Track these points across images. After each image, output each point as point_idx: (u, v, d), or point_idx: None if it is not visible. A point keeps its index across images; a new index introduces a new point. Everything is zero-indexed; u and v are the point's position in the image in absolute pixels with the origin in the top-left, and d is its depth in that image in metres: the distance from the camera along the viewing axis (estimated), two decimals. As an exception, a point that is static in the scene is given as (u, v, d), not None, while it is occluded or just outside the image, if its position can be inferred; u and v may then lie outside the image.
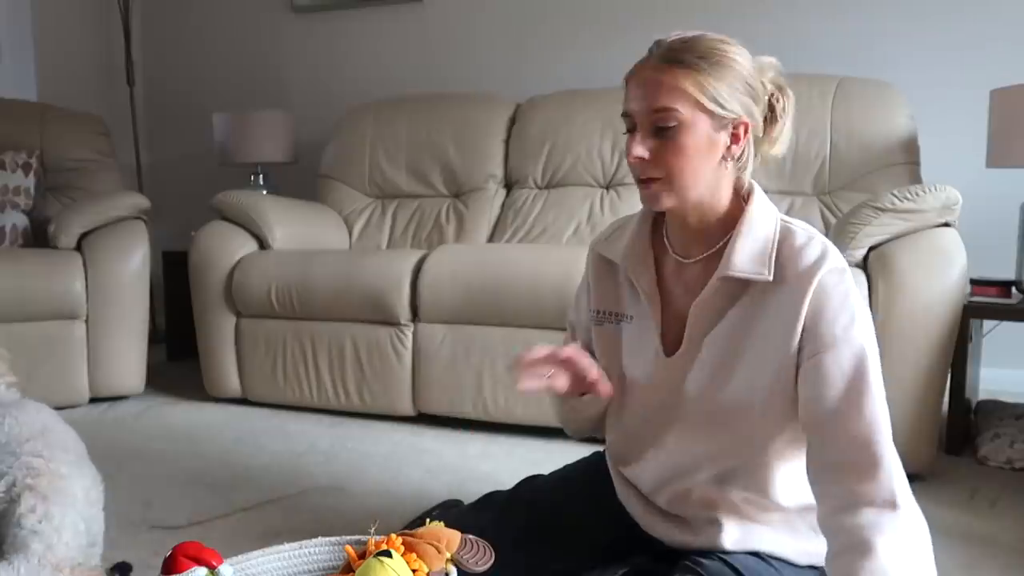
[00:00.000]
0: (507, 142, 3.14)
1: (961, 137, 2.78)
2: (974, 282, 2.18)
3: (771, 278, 1.08)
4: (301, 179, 3.63)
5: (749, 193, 1.14)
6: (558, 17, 3.38)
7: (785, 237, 1.10)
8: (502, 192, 3.12)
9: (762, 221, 1.11)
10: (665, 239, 1.20)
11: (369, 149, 3.28)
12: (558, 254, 2.42)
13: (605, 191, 2.95)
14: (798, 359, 1.07)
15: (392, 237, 3.18)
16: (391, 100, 3.39)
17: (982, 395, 2.58)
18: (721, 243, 1.13)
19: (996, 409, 2.39)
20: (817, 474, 1.07)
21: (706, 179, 1.09)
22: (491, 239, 3.01)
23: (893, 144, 2.58)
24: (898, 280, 1.94)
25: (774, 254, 1.09)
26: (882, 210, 2.00)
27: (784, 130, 1.14)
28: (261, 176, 3.58)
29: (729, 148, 1.09)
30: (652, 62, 1.07)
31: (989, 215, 2.66)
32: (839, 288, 1.06)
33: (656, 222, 1.23)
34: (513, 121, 3.16)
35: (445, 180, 3.18)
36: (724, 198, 1.13)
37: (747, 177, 1.15)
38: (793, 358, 1.07)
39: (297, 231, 2.93)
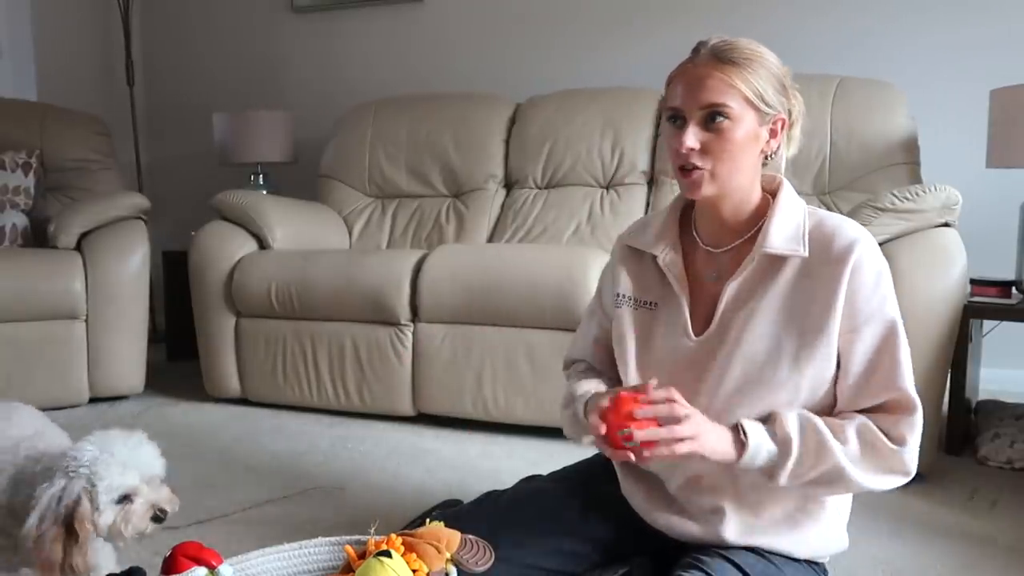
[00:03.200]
0: (507, 142, 3.14)
1: (961, 137, 2.78)
2: (974, 282, 2.18)
3: (807, 254, 1.14)
4: (301, 179, 3.63)
5: (778, 186, 1.22)
6: (558, 17, 3.38)
7: (817, 221, 1.18)
8: (502, 192, 3.12)
9: (792, 207, 1.19)
10: (694, 230, 1.26)
11: (369, 149, 3.28)
12: (558, 254, 2.42)
13: (605, 191, 2.95)
14: (837, 333, 1.13)
15: (392, 237, 3.18)
16: (391, 100, 3.39)
17: (982, 395, 2.58)
18: (750, 233, 1.19)
19: (996, 409, 2.39)
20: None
21: (746, 171, 1.17)
22: (491, 239, 3.01)
23: (893, 144, 2.58)
24: (898, 280, 1.92)
25: (807, 234, 1.16)
26: (882, 210, 2.00)
27: (797, 131, 1.22)
28: (261, 176, 3.58)
29: (768, 143, 1.17)
30: (702, 60, 1.13)
31: (989, 215, 2.66)
32: (873, 268, 1.14)
33: (683, 215, 1.29)
34: (513, 121, 3.16)
35: (445, 180, 3.18)
36: (756, 191, 1.21)
37: (780, 170, 1.23)
38: (831, 335, 1.13)
39: (297, 231, 2.93)
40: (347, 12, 3.73)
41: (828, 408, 1.16)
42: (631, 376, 1.27)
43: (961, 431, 2.21)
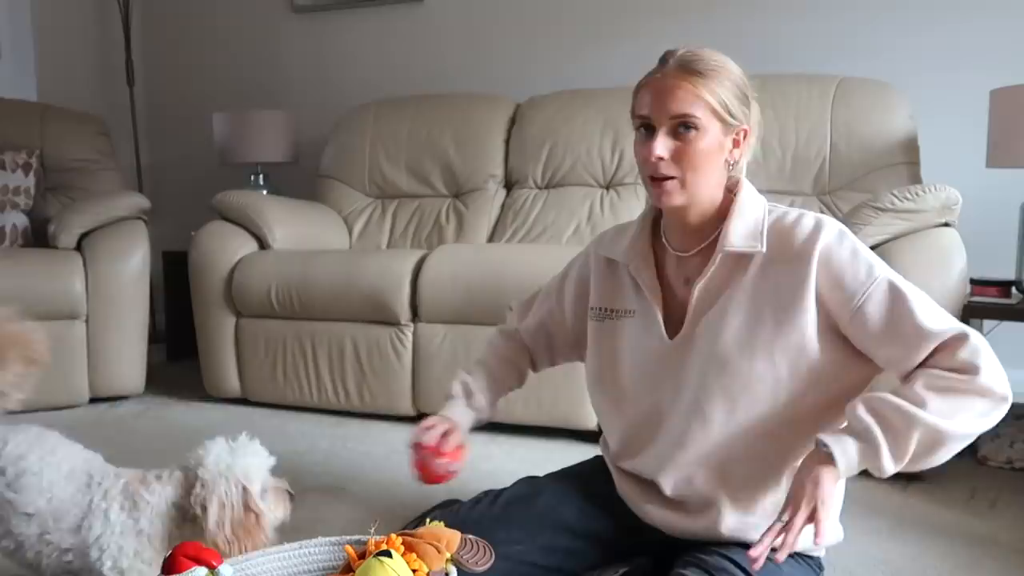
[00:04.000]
0: (507, 142, 3.14)
1: (961, 137, 2.78)
2: (974, 282, 2.18)
3: (764, 250, 1.17)
4: (301, 179, 3.63)
5: (737, 185, 1.24)
6: (558, 17, 3.38)
7: (776, 216, 1.21)
8: (502, 192, 3.12)
9: (751, 205, 1.21)
10: (663, 238, 1.28)
11: (369, 149, 3.28)
12: (558, 254, 2.42)
13: (605, 191, 2.95)
14: (825, 323, 1.14)
15: (392, 237, 3.18)
16: (391, 100, 3.39)
17: (982, 395, 2.57)
18: (715, 234, 1.21)
19: (996, 409, 2.39)
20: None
21: (712, 180, 1.19)
22: (491, 239, 3.01)
23: (893, 144, 2.58)
24: (898, 280, 1.94)
25: (765, 230, 1.18)
26: (882, 210, 2.00)
27: (753, 140, 1.23)
28: (261, 176, 3.58)
29: (731, 152, 1.19)
30: (671, 71, 1.15)
31: (989, 215, 2.66)
32: (844, 249, 1.14)
33: (654, 224, 1.32)
34: (513, 121, 3.16)
35: (445, 180, 3.18)
36: (719, 196, 1.23)
37: (740, 174, 1.25)
38: (802, 328, 1.14)
39: (297, 231, 2.93)
40: (347, 12, 3.73)
41: (810, 403, 1.17)
42: (594, 393, 1.34)
43: (961, 431, 2.21)
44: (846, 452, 1.08)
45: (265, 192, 3.44)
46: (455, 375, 1.48)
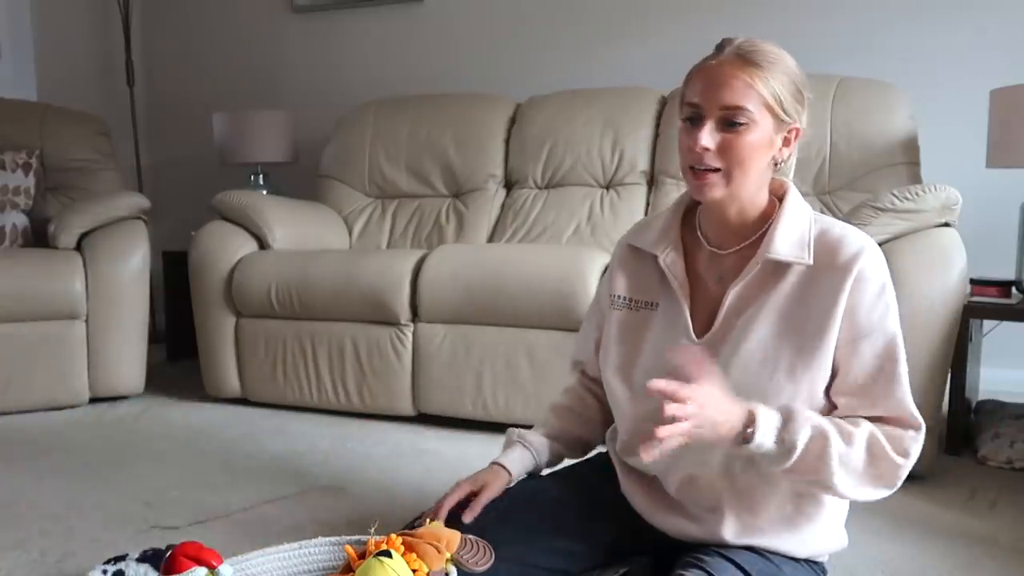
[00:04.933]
0: (507, 142, 3.14)
1: (961, 137, 2.78)
2: (974, 282, 2.18)
3: (811, 262, 1.14)
4: (301, 179, 3.63)
5: (785, 192, 1.21)
6: (558, 17, 3.38)
7: (822, 228, 1.17)
8: (502, 192, 3.12)
9: (798, 212, 1.18)
10: (698, 231, 1.25)
11: (369, 149, 3.28)
12: (558, 254, 2.42)
13: (605, 191, 2.94)
14: (835, 343, 1.13)
15: (392, 237, 3.18)
16: (391, 100, 3.39)
17: (982, 395, 2.58)
18: (755, 236, 1.19)
19: (996, 409, 2.39)
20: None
21: (756, 176, 1.16)
22: (491, 239, 3.01)
23: (893, 144, 2.58)
24: (898, 280, 1.93)
25: (812, 241, 1.15)
26: (882, 210, 2.00)
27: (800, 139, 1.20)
28: (261, 176, 3.58)
29: (780, 150, 1.17)
30: (727, 59, 1.11)
31: (989, 215, 2.66)
32: (877, 280, 1.13)
33: (686, 215, 1.29)
34: (513, 121, 3.16)
35: (445, 180, 3.18)
36: (764, 196, 1.20)
37: (788, 177, 1.22)
38: (829, 343, 1.12)
39: (297, 231, 2.93)
40: (347, 12, 3.73)
41: (826, 411, 1.16)
42: (611, 381, 1.29)
43: (961, 431, 2.21)
44: (759, 448, 1.07)
45: (265, 192, 3.44)
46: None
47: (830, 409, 1.16)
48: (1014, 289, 2.19)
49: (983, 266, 2.36)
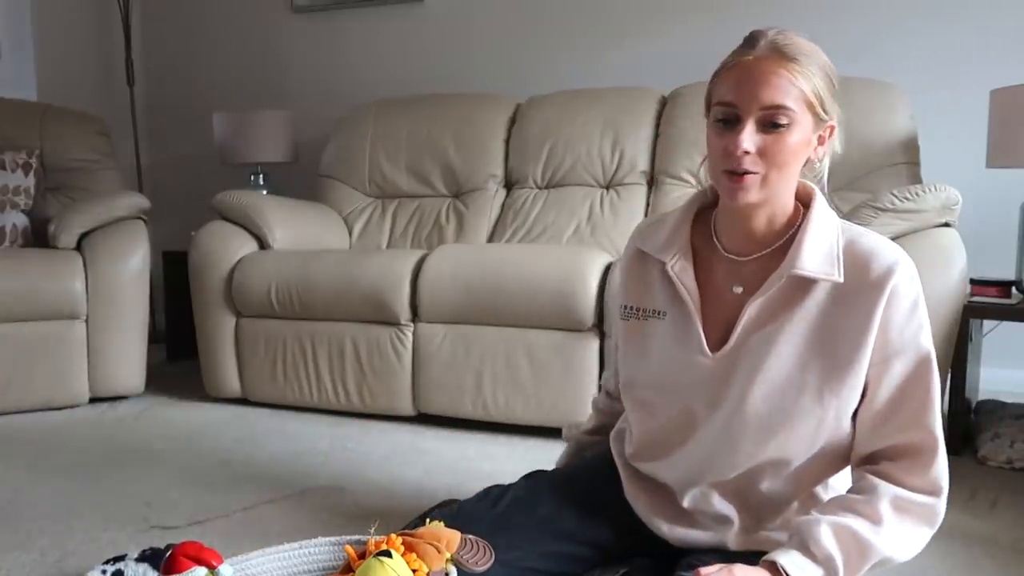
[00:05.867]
0: (507, 142, 3.14)
1: (961, 137, 2.78)
2: (974, 282, 2.18)
3: (841, 280, 1.07)
4: (301, 179, 3.63)
5: (811, 198, 1.14)
6: (558, 17, 3.38)
7: (850, 239, 1.10)
8: (502, 192, 3.12)
9: (826, 223, 1.11)
10: (713, 236, 1.18)
11: (369, 149, 3.28)
12: (558, 254, 2.42)
13: (605, 191, 2.94)
14: (868, 363, 1.08)
15: (392, 237, 3.18)
16: (391, 100, 3.39)
17: (982, 395, 2.58)
18: (779, 243, 1.12)
19: (996, 409, 2.39)
20: (863, 461, 1.11)
21: (792, 180, 1.10)
22: (491, 239, 3.01)
23: (893, 144, 2.58)
24: (898, 280, 1.94)
25: (840, 255, 1.08)
26: (882, 210, 2.00)
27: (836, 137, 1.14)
28: (261, 176, 3.58)
29: (816, 150, 1.10)
30: (763, 54, 1.05)
31: (989, 215, 2.66)
32: (911, 295, 1.07)
33: (698, 217, 1.22)
34: (513, 121, 3.16)
35: (445, 180, 3.18)
36: (791, 200, 1.13)
37: (824, 179, 1.16)
38: (861, 367, 1.07)
39: (297, 231, 2.93)
40: (347, 12, 3.73)
41: (847, 438, 1.12)
42: (623, 392, 1.27)
43: (961, 431, 2.21)
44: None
45: (265, 192, 3.44)
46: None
47: (852, 436, 1.12)
48: (1014, 289, 2.19)
49: (983, 266, 2.37)
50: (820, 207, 1.12)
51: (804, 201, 1.14)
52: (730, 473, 1.16)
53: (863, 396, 1.10)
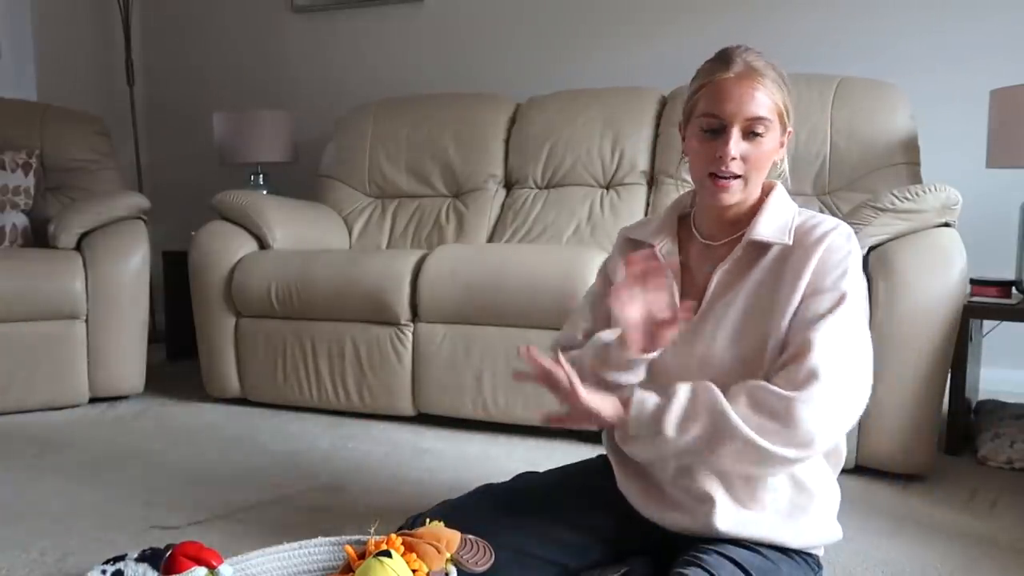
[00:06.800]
0: (507, 142, 3.14)
1: (961, 137, 2.78)
2: (974, 282, 2.18)
3: (790, 243, 1.23)
4: (301, 179, 3.63)
5: (771, 187, 1.32)
6: (558, 17, 3.38)
7: (805, 218, 1.27)
8: (502, 192, 3.12)
9: (783, 204, 1.29)
10: (692, 226, 1.36)
11: (369, 149, 3.28)
12: (558, 254, 2.42)
13: (605, 191, 2.94)
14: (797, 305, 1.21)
15: (392, 237, 3.18)
16: (391, 100, 3.39)
17: (982, 395, 2.58)
18: (746, 227, 1.29)
19: (996, 409, 2.39)
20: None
21: (763, 179, 1.28)
22: (491, 239, 3.01)
23: (893, 144, 2.58)
24: (898, 280, 1.94)
25: (793, 227, 1.25)
26: (882, 210, 2.00)
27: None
28: (261, 176, 3.58)
29: (778, 151, 1.27)
30: (743, 72, 1.21)
31: (989, 215, 2.66)
32: (842, 249, 1.22)
33: (681, 213, 1.40)
34: (513, 121, 3.16)
35: (445, 180, 3.18)
36: (759, 193, 1.30)
37: (787, 175, 1.34)
38: (796, 303, 1.20)
39: (297, 231, 2.93)
40: (347, 12, 3.73)
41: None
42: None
43: (961, 431, 2.21)
44: (643, 404, 1.17)
45: (265, 192, 3.44)
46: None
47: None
48: (1014, 289, 2.19)
49: (983, 266, 2.37)
50: (779, 194, 1.30)
51: (767, 193, 1.31)
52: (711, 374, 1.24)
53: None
